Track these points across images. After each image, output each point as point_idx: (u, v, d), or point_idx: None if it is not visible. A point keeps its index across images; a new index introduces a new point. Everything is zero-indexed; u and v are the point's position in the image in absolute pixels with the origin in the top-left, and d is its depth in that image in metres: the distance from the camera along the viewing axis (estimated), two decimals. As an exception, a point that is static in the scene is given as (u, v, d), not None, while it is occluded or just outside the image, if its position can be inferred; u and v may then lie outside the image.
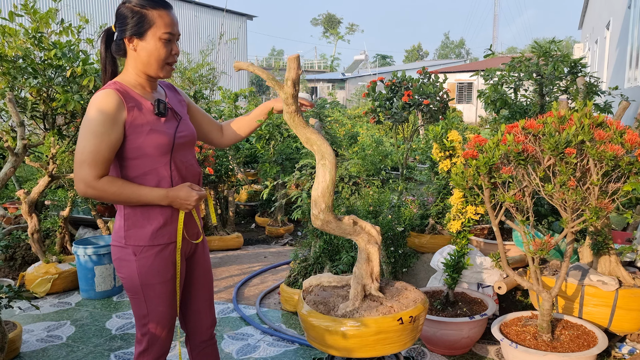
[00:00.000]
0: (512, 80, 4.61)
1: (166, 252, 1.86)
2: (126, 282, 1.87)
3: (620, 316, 2.67)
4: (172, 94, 2.01)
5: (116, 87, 1.79)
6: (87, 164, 1.71)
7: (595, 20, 14.92)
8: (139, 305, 1.88)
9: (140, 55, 1.80)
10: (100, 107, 1.72)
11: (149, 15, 1.77)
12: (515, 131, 2.30)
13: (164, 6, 1.80)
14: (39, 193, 4.11)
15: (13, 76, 3.79)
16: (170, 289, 1.90)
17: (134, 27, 1.77)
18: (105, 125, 1.72)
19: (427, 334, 2.95)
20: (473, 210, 2.86)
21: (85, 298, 4.09)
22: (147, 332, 1.90)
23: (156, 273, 1.85)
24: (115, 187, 1.74)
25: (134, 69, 1.83)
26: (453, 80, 25.59)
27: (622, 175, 2.16)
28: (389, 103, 5.89)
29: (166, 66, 1.84)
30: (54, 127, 4.26)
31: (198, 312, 2.09)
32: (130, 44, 1.80)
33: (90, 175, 1.71)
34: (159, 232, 1.84)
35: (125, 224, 1.84)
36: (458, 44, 73.10)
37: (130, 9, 1.78)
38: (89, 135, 1.71)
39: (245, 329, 3.47)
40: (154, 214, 1.83)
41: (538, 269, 2.50)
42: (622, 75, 8.68)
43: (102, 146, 1.72)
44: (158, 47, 1.79)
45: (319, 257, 3.64)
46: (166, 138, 1.82)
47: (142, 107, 1.81)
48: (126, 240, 1.83)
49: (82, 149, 1.72)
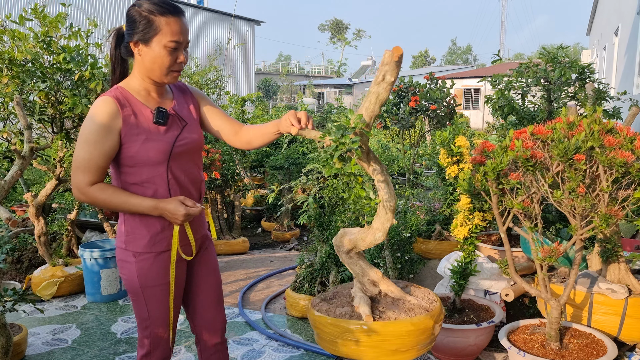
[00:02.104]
0: (519, 86, 4.59)
1: (165, 256, 1.87)
2: (127, 284, 1.89)
3: (629, 325, 2.63)
4: (182, 96, 1.98)
5: (116, 93, 1.79)
6: (80, 170, 1.74)
7: (603, 27, 14.86)
8: (140, 307, 1.90)
9: (145, 61, 1.78)
10: (95, 115, 1.73)
11: (156, 22, 1.74)
12: (523, 137, 2.28)
13: (174, 13, 1.76)
14: (47, 196, 4.12)
15: (22, 80, 3.82)
16: (169, 292, 1.90)
17: (140, 33, 1.75)
18: (98, 134, 1.73)
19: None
20: (480, 216, 2.84)
21: (91, 301, 4.10)
22: (149, 335, 1.91)
23: (155, 276, 1.86)
24: (105, 194, 1.76)
25: (139, 73, 1.83)
26: (460, 86, 25.54)
27: (632, 182, 2.14)
28: (396, 108, 5.88)
29: (171, 73, 1.81)
30: (61, 131, 4.29)
31: (205, 312, 2.08)
32: (135, 48, 1.79)
33: (83, 182, 1.75)
34: (157, 239, 1.85)
35: (125, 229, 1.86)
36: (465, 50, 73.06)
37: (139, 13, 1.75)
38: (83, 143, 1.74)
39: (250, 334, 3.45)
40: (151, 221, 1.83)
41: (546, 276, 2.48)
42: (631, 82, 8.63)
43: (95, 154, 1.73)
44: (162, 54, 1.75)
45: (325, 263, 3.62)
46: (163, 147, 1.80)
47: (141, 115, 1.80)
48: (126, 245, 1.86)
49: (77, 155, 1.75)
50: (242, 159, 6.71)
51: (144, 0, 1.77)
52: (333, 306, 2.03)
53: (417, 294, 2.11)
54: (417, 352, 1.93)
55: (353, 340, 1.89)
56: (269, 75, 38.29)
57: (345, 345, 1.91)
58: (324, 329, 1.96)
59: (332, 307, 2.02)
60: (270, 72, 43.62)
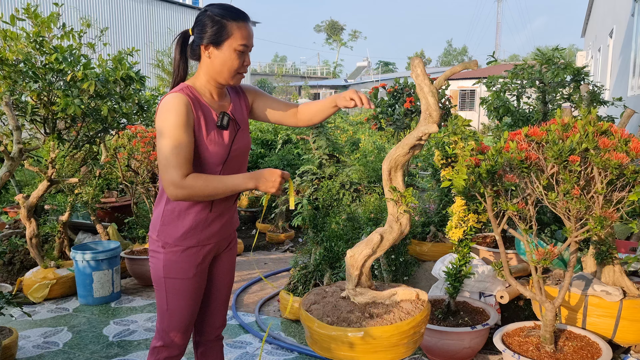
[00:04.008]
0: (514, 88, 4.59)
1: (192, 251, 1.92)
2: (153, 273, 1.94)
3: (624, 327, 2.62)
4: (237, 99, 2.02)
5: (187, 92, 1.82)
6: (171, 166, 1.74)
7: (598, 29, 14.92)
8: (161, 298, 1.94)
9: (214, 63, 1.84)
10: (174, 109, 1.76)
11: (228, 26, 1.80)
12: (518, 138, 2.26)
13: (244, 18, 1.85)
14: (38, 197, 4.08)
15: (14, 80, 3.78)
16: (191, 287, 1.94)
17: (213, 36, 1.81)
18: (182, 127, 1.76)
19: (428, 344, 2.91)
20: (475, 218, 2.83)
21: (83, 304, 4.06)
22: (166, 328, 1.96)
23: (179, 269, 1.91)
24: (201, 180, 1.77)
25: (205, 75, 1.88)
26: (455, 87, 25.59)
27: (627, 184, 2.13)
28: (391, 109, 5.88)
29: (237, 75, 1.88)
30: (54, 132, 4.25)
31: (213, 310, 2.14)
32: (206, 51, 1.84)
33: (177, 176, 1.75)
34: (189, 234, 1.89)
35: (162, 220, 1.90)
36: (461, 51, 73.24)
37: (211, 17, 1.81)
38: (168, 138, 1.75)
39: (244, 337, 3.43)
40: (189, 216, 1.88)
41: (541, 278, 2.46)
42: (625, 84, 8.65)
43: (183, 146, 1.75)
44: (233, 57, 1.82)
45: (319, 265, 3.60)
46: (222, 151, 1.87)
47: (208, 117, 1.85)
48: (158, 234, 1.90)
49: (164, 152, 1.75)
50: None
51: (213, 6, 1.84)
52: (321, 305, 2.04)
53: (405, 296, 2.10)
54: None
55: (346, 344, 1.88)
56: (264, 76, 38.27)
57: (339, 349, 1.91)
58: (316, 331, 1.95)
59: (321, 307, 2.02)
60: (266, 72, 43.61)
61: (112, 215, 5.43)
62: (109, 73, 4.22)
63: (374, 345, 1.89)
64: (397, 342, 1.92)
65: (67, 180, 4.14)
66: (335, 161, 5.36)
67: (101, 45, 4.54)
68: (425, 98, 1.99)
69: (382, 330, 1.89)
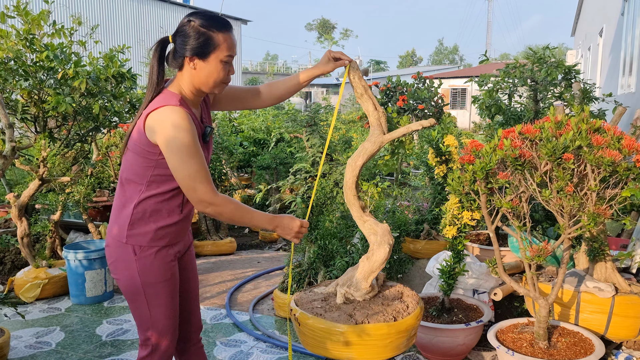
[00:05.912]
0: (506, 87, 4.61)
1: (165, 251, 1.87)
2: (126, 284, 1.85)
3: (616, 323, 2.65)
4: (206, 107, 1.99)
5: (184, 106, 1.77)
6: (199, 182, 1.71)
7: (588, 28, 15.03)
8: (141, 307, 1.87)
9: (200, 75, 1.79)
10: (183, 125, 1.71)
11: (214, 38, 1.75)
12: (512, 136, 2.28)
13: (229, 29, 1.80)
14: (29, 197, 4.05)
15: (4, 78, 3.75)
16: (171, 288, 1.89)
17: (198, 48, 1.75)
18: (196, 143, 1.73)
19: (422, 341, 2.92)
20: (469, 215, 2.84)
21: (76, 303, 4.03)
22: (151, 336, 1.89)
23: (157, 272, 1.85)
24: (232, 205, 1.78)
25: (188, 85, 1.82)
26: (447, 86, 25.67)
27: (620, 181, 2.15)
28: (384, 108, 5.88)
29: (221, 85, 1.85)
30: (45, 130, 4.21)
31: (189, 314, 2.10)
32: (190, 62, 1.78)
33: (208, 192, 1.73)
34: (162, 233, 1.84)
35: (131, 220, 1.82)
36: (452, 50, 73.49)
37: (196, 29, 1.75)
38: (187, 156, 1.70)
39: (238, 336, 3.42)
40: (161, 215, 1.84)
41: (535, 275, 2.48)
42: (616, 82, 8.72)
43: (202, 160, 1.73)
44: (219, 68, 1.79)
45: (313, 263, 3.60)
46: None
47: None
48: (128, 238, 1.82)
49: (188, 172, 1.71)
50: (229, 159, 6.66)
51: (197, 16, 1.78)
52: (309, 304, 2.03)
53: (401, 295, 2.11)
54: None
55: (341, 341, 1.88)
56: (256, 74, 38.16)
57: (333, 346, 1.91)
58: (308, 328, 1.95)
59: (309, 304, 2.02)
60: (257, 71, 43.48)
61: (103, 214, 5.39)
62: (100, 71, 4.18)
63: (368, 342, 1.90)
64: (391, 340, 1.92)
65: (59, 179, 4.10)
66: (329, 159, 5.35)
67: (92, 43, 4.51)
68: None
69: (376, 328, 1.89)
